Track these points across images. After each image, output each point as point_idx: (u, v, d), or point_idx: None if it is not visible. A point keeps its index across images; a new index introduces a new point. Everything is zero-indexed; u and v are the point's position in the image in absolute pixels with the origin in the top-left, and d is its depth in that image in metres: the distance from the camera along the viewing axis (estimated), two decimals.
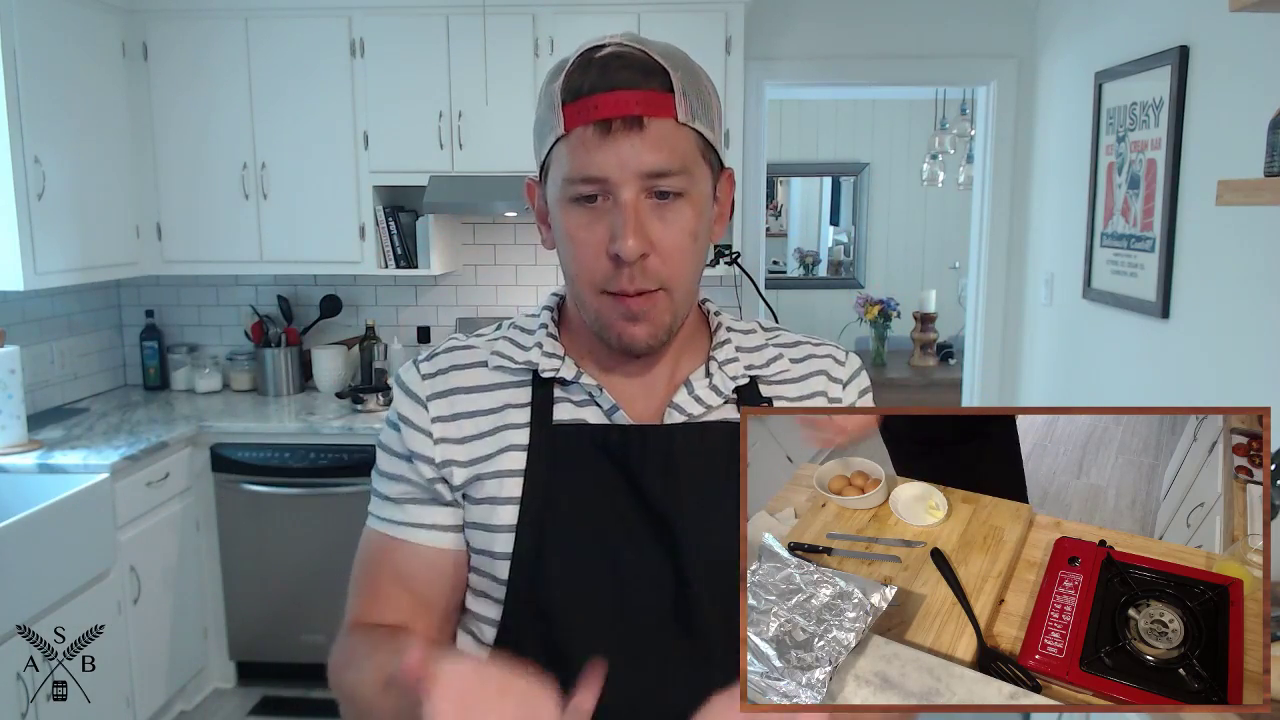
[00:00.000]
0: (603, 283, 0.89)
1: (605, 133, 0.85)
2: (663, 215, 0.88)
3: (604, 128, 0.85)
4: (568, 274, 0.93)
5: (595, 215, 0.88)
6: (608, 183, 0.86)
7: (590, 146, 0.86)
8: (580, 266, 0.90)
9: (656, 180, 0.87)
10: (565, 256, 0.92)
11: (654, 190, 0.87)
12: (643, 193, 0.87)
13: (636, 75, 0.86)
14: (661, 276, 0.89)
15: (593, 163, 0.86)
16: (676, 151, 0.87)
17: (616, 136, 0.85)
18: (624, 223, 0.86)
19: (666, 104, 0.87)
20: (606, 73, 0.86)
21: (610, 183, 0.86)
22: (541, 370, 0.97)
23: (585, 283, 0.91)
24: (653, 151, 0.86)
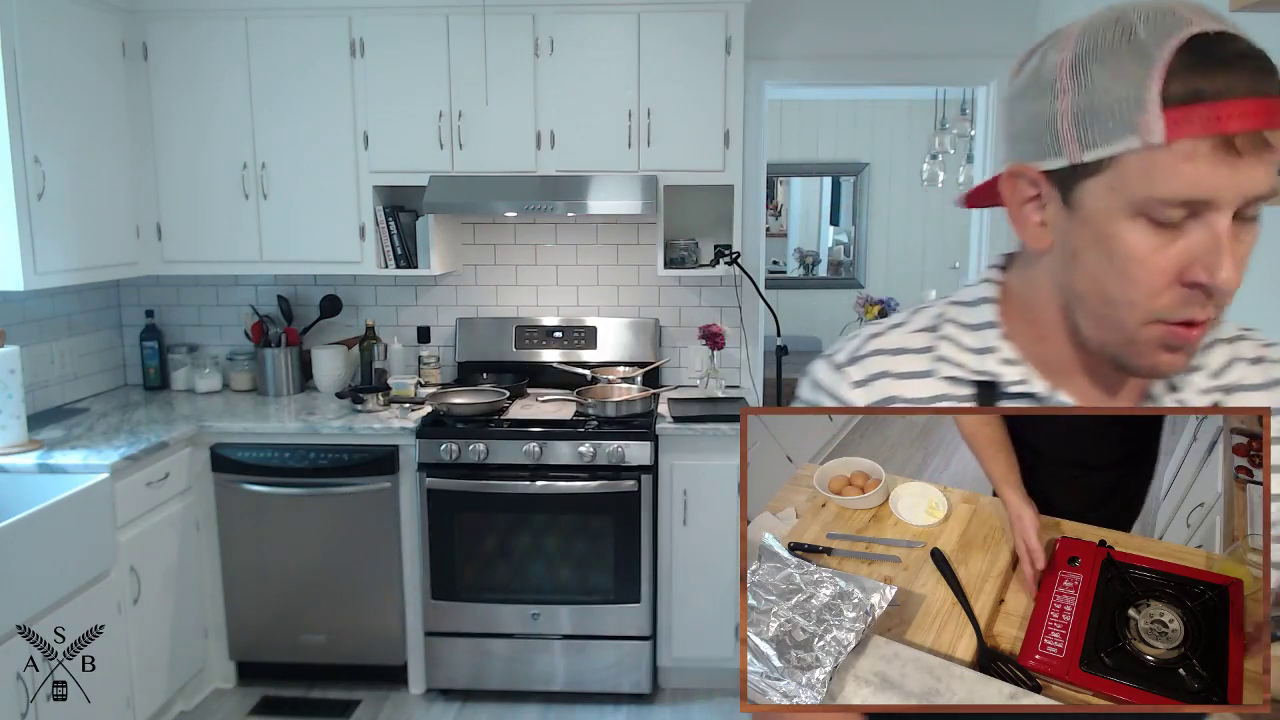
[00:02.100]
0: (1164, 311, 0.76)
1: (1225, 150, 0.70)
2: (1241, 238, 0.75)
3: (1224, 144, 0.70)
4: (1098, 291, 0.78)
5: (1172, 237, 0.74)
6: (1207, 206, 0.72)
7: (1200, 163, 0.71)
8: (1137, 291, 0.76)
9: (1256, 202, 0.74)
10: (1106, 272, 0.77)
11: (1244, 213, 0.74)
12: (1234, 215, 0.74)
13: (1259, 76, 0.71)
14: (1224, 303, 0.77)
15: (1200, 184, 0.71)
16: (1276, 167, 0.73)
17: (1242, 156, 0.70)
18: (1222, 252, 0.73)
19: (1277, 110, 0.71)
20: (1233, 75, 0.70)
21: (1210, 205, 0.72)
22: (1004, 383, 0.87)
23: (1135, 309, 0.77)
24: (1268, 171, 0.72)
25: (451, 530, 3.18)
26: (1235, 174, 0.71)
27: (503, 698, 3.30)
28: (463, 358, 3.75)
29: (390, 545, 3.23)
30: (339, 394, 3.55)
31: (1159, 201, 0.72)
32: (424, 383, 3.66)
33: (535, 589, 3.21)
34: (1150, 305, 0.76)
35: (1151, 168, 0.72)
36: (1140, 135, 0.71)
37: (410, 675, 3.33)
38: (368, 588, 3.25)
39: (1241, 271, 0.76)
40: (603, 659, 3.24)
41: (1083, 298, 0.80)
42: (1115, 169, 0.74)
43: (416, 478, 3.17)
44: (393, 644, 3.29)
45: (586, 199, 3.28)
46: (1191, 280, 0.74)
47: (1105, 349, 0.81)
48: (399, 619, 3.27)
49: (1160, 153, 0.71)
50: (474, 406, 3.30)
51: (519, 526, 3.18)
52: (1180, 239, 0.74)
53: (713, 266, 3.48)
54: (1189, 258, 0.74)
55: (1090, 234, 0.77)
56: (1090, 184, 0.76)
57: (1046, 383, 0.86)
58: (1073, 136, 0.75)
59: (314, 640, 3.29)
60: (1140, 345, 0.79)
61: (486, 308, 3.85)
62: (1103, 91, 0.73)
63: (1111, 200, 0.75)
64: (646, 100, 3.31)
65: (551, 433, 3.15)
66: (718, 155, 3.33)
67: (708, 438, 3.17)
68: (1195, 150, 0.70)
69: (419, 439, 3.15)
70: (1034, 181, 0.80)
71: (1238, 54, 0.71)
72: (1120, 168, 0.73)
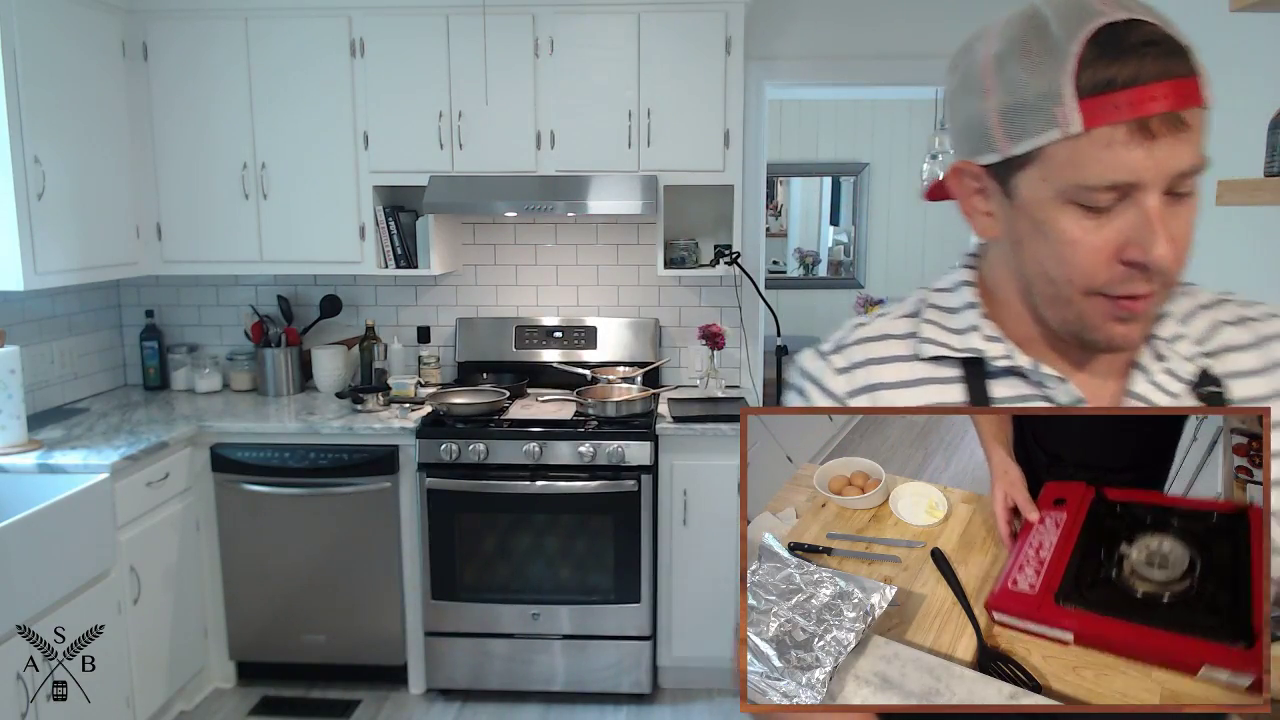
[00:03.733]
0: (1104, 286, 0.80)
1: (1142, 134, 0.74)
2: (1177, 212, 0.78)
3: (1140, 128, 0.74)
4: (1042, 274, 0.83)
5: (1105, 218, 0.78)
6: (1134, 187, 0.76)
7: (1119, 149, 0.74)
8: (1076, 270, 0.80)
9: (1184, 179, 0.77)
10: (1046, 256, 0.82)
11: (1174, 190, 0.77)
12: (1164, 193, 0.77)
13: (1169, 59, 0.74)
14: (1169, 276, 0.80)
15: (1122, 168, 0.75)
16: (1202, 142, 0.77)
17: (1157, 138, 0.74)
18: (1154, 230, 0.76)
19: (1195, 90, 0.75)
20: (1143, 61, 0.74)
21: (1136, 186, 0.76)
22: (990, 358, 0.90)
23: (1077, 286, 0.81)
24: (1189, 149, 0.76)
25: (451, 530, 3.18)
26: (1155, 155, 0.75)
27: (503, 698, 3.30)
28: (463, 358, 3.75)
29: (390, 545, 3.23)
30: (339, 394, 3.55)
31: (1086, 188, 0.77)
32: (424, 383, 3.66)
33: (535, 589, 3.21)
34: (1089, 281, 0.80)
35: (1075, 156, 0.76)
36: (1060, 127, 0.76)
37: (410, 675, 3.33)
38: (368, 588, 3.25)
39: (1182, 247, 0.79)
40: (603, 659, 3.24)
41: (1032, 280, 0.85)
42: (1043, 160, 0.78)
43: (416, 478, 3.17)
44: (393, 644, 3.29)
45: (586, 199, 3.28)
46: (1129, 259, 0.78)
47: (1065, 326, 0.85)
48: (399, 619, 3.27)
49: (1081, 141, 0.75)
50: (474, 406, 3.30)
51: (519, 526, 3.18)
52: (1113, 221, 0.78)
53: (713, 266, 3.48)
54: (1123, 238, 0.78)
55: (1028, 221, 0.82)
56: (1023, 175, 0.80)
57: (1030, 357, 0.89)
58: (1001, 132, 0.80)
59: (314, 640, 3.29)
60: (1090, 320, 0.82)
61: (486, 308, 3.85)
62: (1023, 87, 0.77)
63: (1043, 189, 0.79)
64: (646, 100, 3.31)
65: (551, 433, 3.15)
66: (718, 155, 3.33)
67: (708, 438, 3.17)
68: (1113, 136, 0.74)
69: (419, 439, 3.15)
70: (976, 175, 0.85)
71: (1146, 40, 0.74)
72: (1047, 158, 0.78)
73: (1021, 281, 0.87)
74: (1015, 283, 0.88)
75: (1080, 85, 0.74)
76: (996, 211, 0.85)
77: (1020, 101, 0.78)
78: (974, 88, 0.82)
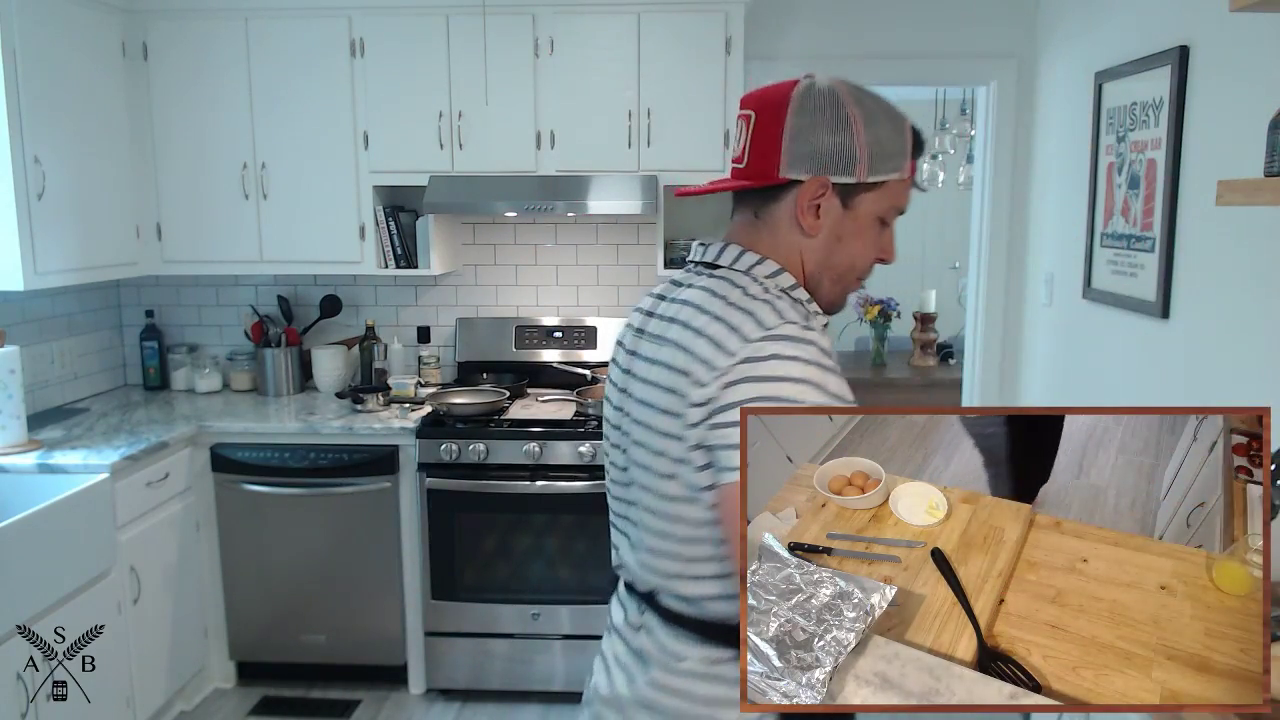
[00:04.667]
0: (862, 274, 1.23)
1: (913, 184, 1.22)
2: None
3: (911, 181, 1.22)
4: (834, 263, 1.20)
5: (884, 231, 1.21)
6: (897, 212, 1.21)
7: (907, 190, 1.21)
8: (864, 263, 1.22)
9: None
10: (846, 252, 1.20)
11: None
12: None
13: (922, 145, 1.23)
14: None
15: (904, 201, 1.21)
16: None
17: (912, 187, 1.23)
18: (892, 241, 1.23)
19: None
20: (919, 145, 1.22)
21: (897, 211, 1.21)
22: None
23: (855, 274, 1.22)
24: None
25: (451, 530, 3.18)
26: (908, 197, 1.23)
27: (503, 698, 3.30)
28: (463, 358, 3.75)
29: (390, 545, 3.23)
30: (339, 394, 3.55)
31: (895, 210, 1.21)
32: (424, 383, 3.66)
33: (535, 589, 3.21)
34: (861, 272, 1.23)
35: (898, 191, 1.20)
36: (901, 172, 1.19)
37: (410, 675, 3.33)
38: (368, 588, 3.25)
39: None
40: None
41: (835, 266, 1.22)
42: (883, 188, 1.18)
43: (416, 478, 3.17)
44: (393, 644, 3.29)
45: (586, 199, 3.28)
46: (881, 257, 1.23)
47: (833, 301, 1.24)
48: (399, 619, 3.27)
49: (903, 183, 1.20)
50: (474, 406, 3.30)
51: (519, 526, 3.18)
52: (885, 232, 1.22)
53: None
54: (884, 243, 1.23)
55: (856, 227, 1.20)
56: (867, 195, 1.18)
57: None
58: (865, 166, 1.16)
59: (314, 640, 3.29)
60: (841, 298, 1.24)
61: (486, 308, 3.85)
62: (886, 142, 1.17)
63: (876, 207, 1.19)
64: (646, 100, 3.31)
65: (551, 433, 3.14)
66: (718, 155, 3.33)
67: None
68: (908, 183, 1.21)
69: (419, 439, 3.15)
70: (824, 186, 1.17)
71: (920, 136, 1.21)
72: (886, 188, 1.19)
73: (816, 267, 1.21)
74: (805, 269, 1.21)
75: (909, 152, 1.19)
76: (825, 215, 1.18)
77: (883, 149, 1.16)
78: (844, 127, 1.15)
